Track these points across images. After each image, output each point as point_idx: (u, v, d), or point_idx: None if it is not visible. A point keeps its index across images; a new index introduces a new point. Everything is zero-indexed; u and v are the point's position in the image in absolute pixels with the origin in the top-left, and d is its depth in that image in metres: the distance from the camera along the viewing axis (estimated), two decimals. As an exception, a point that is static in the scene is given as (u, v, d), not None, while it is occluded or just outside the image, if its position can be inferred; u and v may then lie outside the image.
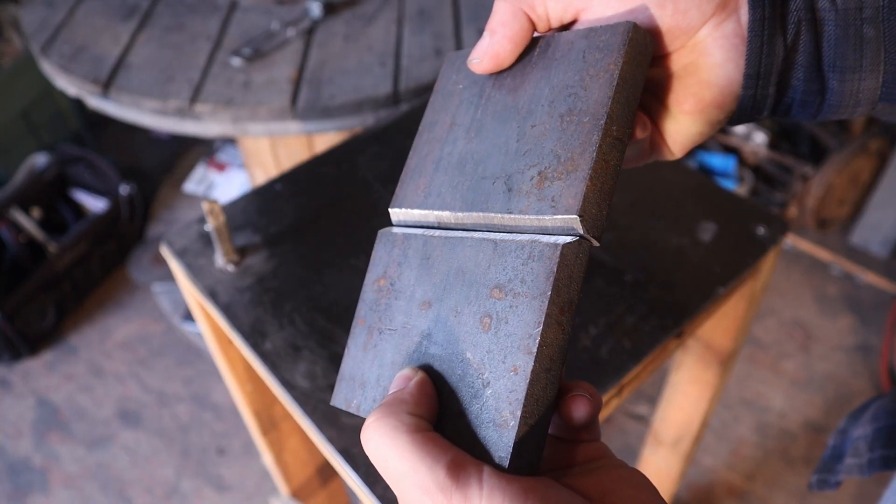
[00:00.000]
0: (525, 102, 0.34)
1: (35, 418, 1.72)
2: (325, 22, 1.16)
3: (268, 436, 0.93)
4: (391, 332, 0.34)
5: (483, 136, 0.35)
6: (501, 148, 0.34)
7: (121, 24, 1.17)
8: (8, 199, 1.85)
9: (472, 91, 0.37)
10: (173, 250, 0.71)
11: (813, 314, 1.86)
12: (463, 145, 0.36)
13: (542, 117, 0.33)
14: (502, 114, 0.35)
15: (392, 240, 0.37)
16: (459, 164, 0.35)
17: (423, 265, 0.34)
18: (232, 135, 1.04)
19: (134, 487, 1.58)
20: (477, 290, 0.31)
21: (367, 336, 0.36)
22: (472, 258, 0.32)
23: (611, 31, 0.32)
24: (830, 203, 2.02)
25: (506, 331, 0.29)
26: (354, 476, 0.54)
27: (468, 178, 0.35)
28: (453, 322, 0.32)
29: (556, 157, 0.32)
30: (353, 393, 0.35)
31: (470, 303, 0.31)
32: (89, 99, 1.09)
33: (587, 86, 0.32)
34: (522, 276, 0.30)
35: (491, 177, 0.34)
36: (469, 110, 0.37)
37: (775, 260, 0.76)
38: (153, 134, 2.44)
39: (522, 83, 0.35)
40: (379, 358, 0.35)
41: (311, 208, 0.75)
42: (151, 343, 1.86)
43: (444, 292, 0.33)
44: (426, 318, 0.33)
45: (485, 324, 0.30)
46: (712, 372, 0.94)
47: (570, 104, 0.32)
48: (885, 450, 0.51)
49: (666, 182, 0.78)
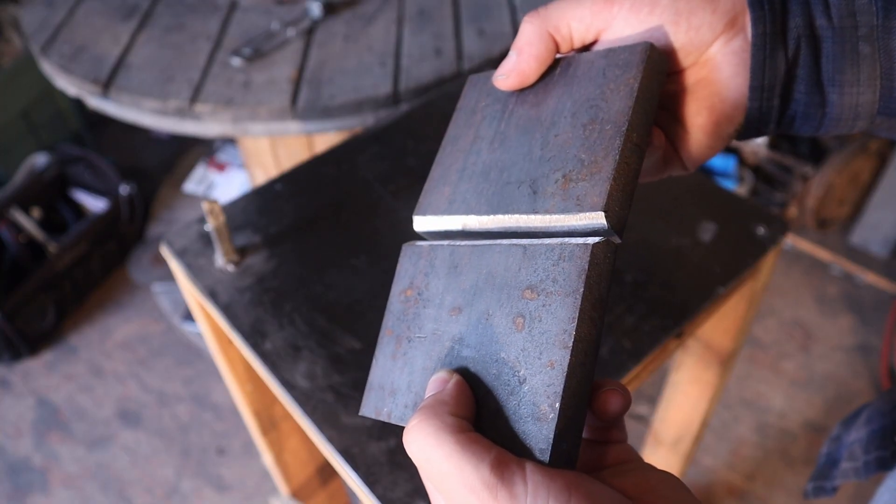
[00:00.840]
0: (548, 115, 0.36)
1: (35, 418, 1.72)
2: (325, 22, 1.16)
3: (268, 436, 0.93)
4: (421, 339, 0.35)
5: (507, 147, 0.37)
6: (526, 156, 0.35)
7: (121, 24, 1.17)
8: (8, 199, 1.85)
9: (495, 107, 0.39)
10: (173, 250, 0.71)
11: (813, 314, 1.86)
12: (487, 155, 0.37)
13: (565, 127, 0.35)
14: (526, 126, 0.37)
15: (418, 252, 0.38)
16: (484, 172, 0.37)
17: (451, 273, 0.35)
18: (232, 135, 1.04)
19: (134, 487, 1.58)
20: (508, 292, 0.32)
21: (396, 345, 0.36)
22: (502, 263, 0.33)
23: (629, 50, 0.34)
24: (830, 203, 2.02)
25: (540, 328, 0.30)
26: (354, 476, 0.54)
27: (493, 185, 0.36)
28: (485, 324, 0.32)
29: (579, 161, 0.33)
30: (384, 401, 0.36)
31: (502, 305, 0.32)
32: (89, 99, 1.09)
33: (608, 98, 0.34)
34: (554, 276, 0.31)
35: (516, 182, 0.35)
36: (492, 124, 0.38)
37: (775, 260, 0.76)
38: (153, 134, 2.44)
39: (545, 98, 0.37)
40: (409, 365, 0.35)
41: (311, 208, 0.75)
42: (151, 343, 1.86)
43: (474, 297, 0.34)
44: (457, 324, 0.34)
45: (518, 323, 0.31)
46: (712, 372, 0.94)
47: (592, 115, 0.34)
48: (879, 451, 0.52)
49: (666, 182, 0.78)
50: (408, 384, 0.35)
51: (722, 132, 0.35)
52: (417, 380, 0.34)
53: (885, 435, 0.52)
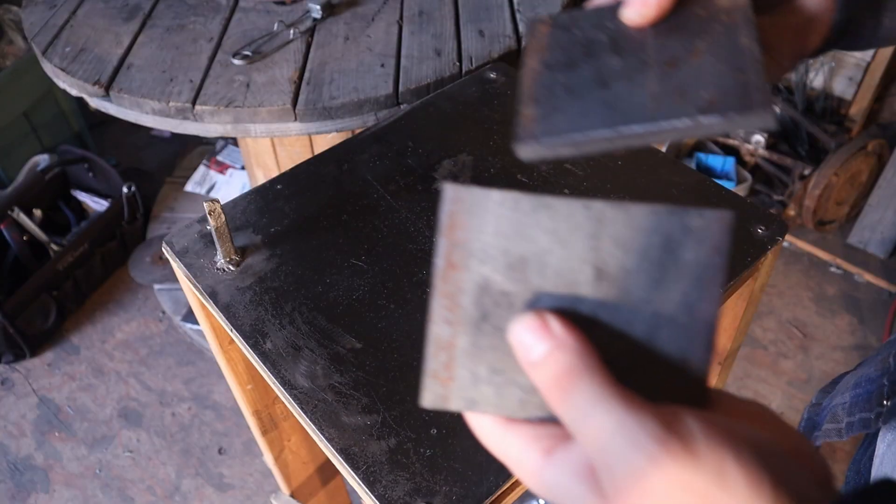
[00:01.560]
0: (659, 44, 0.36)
1: (37, 418, 1.72)
2: (325, 22, 1.16)
3: (268, 435, 0.93)
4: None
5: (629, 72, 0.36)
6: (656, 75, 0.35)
7: (122, 25, 1.18)
8: (10, 199, 1.86)
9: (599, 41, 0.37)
10: (174, 250, 0.71)
11: (811, 314, 1.87)
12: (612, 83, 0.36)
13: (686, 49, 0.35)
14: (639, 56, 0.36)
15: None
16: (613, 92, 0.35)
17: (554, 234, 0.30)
18: (233, 135, 1.05)
19: (135, 486, 1.58)
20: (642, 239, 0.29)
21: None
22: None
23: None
24: (829, 203, 2.02)
25: (681, 270, 0.28)
26: (354, 476, 0.54)
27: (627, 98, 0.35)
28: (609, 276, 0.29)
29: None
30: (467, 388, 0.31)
31: (628, 251, 0.29)
32: (91, 100, 1.10)
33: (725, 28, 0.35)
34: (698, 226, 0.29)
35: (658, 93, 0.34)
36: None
37: (774, 260, 0.76)
38: (154, 134, 2.45)
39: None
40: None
41: (312, 208, 0.75)
42: (152, 343, 1.87)
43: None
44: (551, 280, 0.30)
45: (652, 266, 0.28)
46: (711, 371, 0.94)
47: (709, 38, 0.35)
48: (864, 413, 0.54)
49: (665, 182, 0.78)
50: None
51: (804, 48, 0.41)
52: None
53: (870, 399, 0.55)
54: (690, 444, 0.24)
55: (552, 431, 0.29)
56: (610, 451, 0.25)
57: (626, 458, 0.25)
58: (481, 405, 0.30)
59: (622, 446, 0.25)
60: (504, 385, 0.30)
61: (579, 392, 0.26)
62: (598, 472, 0.26)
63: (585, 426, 0.26)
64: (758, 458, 0.24)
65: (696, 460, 0.24)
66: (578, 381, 0.26)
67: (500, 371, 0.30)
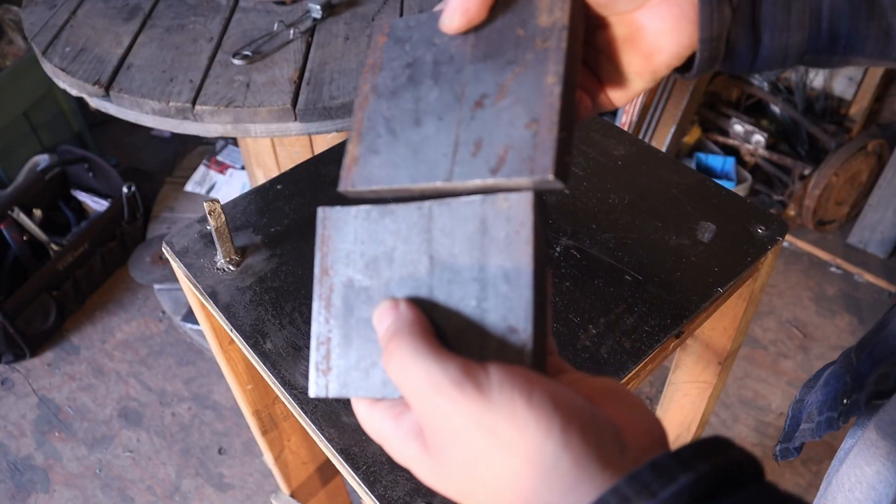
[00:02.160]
0: (470, 69, 0.36)
1: (37, 418, 1.72)
2: (325, 22, 1.16)
3: (268, 435, 0.93)
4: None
5: (430, 101, 0.37)
6: (453, 111, 0.36)
7: (122, 25, 1.18)
8: (10, 199, 1.86)
9: (418, 53, 0.38)
10: (174, 250, 0.71)
11: (811, 314, 1.87)
12: (411, 107, 0.37)
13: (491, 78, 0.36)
14: (450, 78, 0.37)
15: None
16: (411, 128, 0.37)
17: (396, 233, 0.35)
18: (233, 135, 1.05)
19: (135, 486, 1.58)
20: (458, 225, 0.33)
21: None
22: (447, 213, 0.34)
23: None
24: (829, 203, 2.02)
25: (495, 245, 0.32)
26: (354, 475, 0.54)
27: (418, 147, 0.36)
28: (435, 262, 0.34)
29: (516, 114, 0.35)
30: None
31: (450, 235, 0.33)
32: (91, 100, 1.10)
33: (535, 48, 0.35)
34: (507, 215, 0.32)
35: (444, 144, 0.36)
36: (410, 72, 0.38)
37: (774, 260, 0.76)
38: (154, 134, 2.45)
39: (466, 46, 0.36)
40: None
41: (312, 208, 0.75)
42: (152, 343, 1.87)
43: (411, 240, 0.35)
44: (397, 269, 0.35)
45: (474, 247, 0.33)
46: (711, 371, 0.94)
47: (515, 64, 0.35)
48: (829, 412, 0.54)
49: (665, 182, 0.78)
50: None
51: (656, 76, 0.37)
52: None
53: (836, 397, 0.54)
54: (485, 387, 0.27)
55: (403, 400, 0.32)
56: (422, 399, 0.28)
57: (432, 402, 0.28)
58: (352, 388, 0.34)
59: (428, 392, 0.28)
60: (368, 369, 0.34)
61: (400, 350, 0.29)
62: (422, 427, 0.29)
63: (405, 381, 0.29)
64: (553, 405, 0.26)
65: (488, 402, 0.26)
66: (400, 340, 0.30)
67: (364, 357, 0.34)
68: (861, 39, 0.34)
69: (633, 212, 0.75)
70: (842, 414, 0.52)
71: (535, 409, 0.26)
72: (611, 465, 0.25)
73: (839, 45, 0.34)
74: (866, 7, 0.33)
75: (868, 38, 0.34)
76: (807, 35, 0.34)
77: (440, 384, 0.27)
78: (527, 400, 0.26)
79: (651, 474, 0.24)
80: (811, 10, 0.33)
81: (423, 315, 0.32)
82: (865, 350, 0.54)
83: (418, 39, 0.38)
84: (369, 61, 0.39)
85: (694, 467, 0.24)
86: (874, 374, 0.50)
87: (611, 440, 0.26)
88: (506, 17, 0.36)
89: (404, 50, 0.38)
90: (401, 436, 0.31)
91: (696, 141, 2.17)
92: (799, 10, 0.33)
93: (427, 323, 0.32)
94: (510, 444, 0.26)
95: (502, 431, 0.26)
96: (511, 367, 0.28)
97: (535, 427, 0.26)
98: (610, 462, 0.26)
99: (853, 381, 0.53)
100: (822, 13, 0.33)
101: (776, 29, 0.34)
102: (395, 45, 0.38)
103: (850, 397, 0.52)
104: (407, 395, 0.29)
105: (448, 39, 0.37)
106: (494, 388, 0.27)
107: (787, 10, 0.34)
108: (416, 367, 0.28)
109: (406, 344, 0.29)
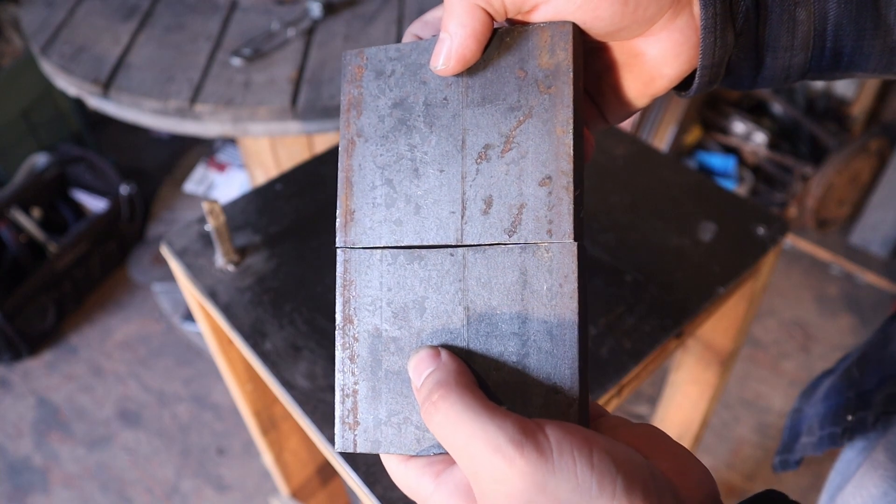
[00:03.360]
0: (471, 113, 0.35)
1: (35, 418, 1.72)
2: (325, 22, 1.16)
3: (268, 436, 0.93)
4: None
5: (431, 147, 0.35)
6: (456, 162, 0.35)
7: (121, 24, 1.17)
8: (8, 199, 1.85)
9: (404, 91, 0.36)
10: (173, 250, 0.71)
11: (813, 314, 1.86)
12: (406, 156, 0.35)
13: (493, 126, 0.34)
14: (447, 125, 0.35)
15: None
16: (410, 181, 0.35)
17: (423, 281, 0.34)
18: (232, 135, 1.05)
19: (134, 487, 1.58)
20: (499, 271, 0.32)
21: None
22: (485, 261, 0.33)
23: (554, 30, 0.33)
24: (830, 203, 2.02)
25: (541, 309, 0.31)
26: (354, 476, 0.54)
27: (420, 208, 0.35)
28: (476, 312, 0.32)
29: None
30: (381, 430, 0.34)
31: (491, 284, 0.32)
32: (89, 99, 1.09)
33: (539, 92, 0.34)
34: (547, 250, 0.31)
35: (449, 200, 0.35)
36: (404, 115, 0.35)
37: (775, 260, 0.76)
38: (153, 134, 2.44)
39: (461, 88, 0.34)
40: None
41: (311, 208, 0.75)
42: (151, 343, 1.87)
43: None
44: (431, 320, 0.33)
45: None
46: (712, 372, 0.94)
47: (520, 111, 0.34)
48: (832, 427, 0.53)
49: (666, 182, 0.78)
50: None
51: (655, 97, 0.36)
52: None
53: (838, 412, 0.53)
54: (545, 448, 0.26)
55: (444, 457, 0.31)
56: (475, 457, 0.26)
57: (488, 461, 0.26)
58: (384, 445, 0.33)
59: (484, 451, 0.26)
60: (401, 424, 0.33)
61: (448, 404, 0.28)
62: (472, 486, 0.28)
63: (454, 438, 0.27)
64: (615, 466, 0.25)
65: (549, 463, 0.25)
66: (447, 393, 0.28)
67: (396, 412, 0.33)
68: (865, 57, 0.33)
69: (633, 212, 0.74)
70: (846, 430, 0.51)
71: (597, 471, 0.25)
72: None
73: (842, 62, 0.34)
74: (871, 26, 0.32)
75: (872, 56, 0.33)
76: (810, 55, 0.33)
77: (498, 444, 0.26)
78: (588, 461, 0.26)
79: None
80: (815, 30, 0.33)
81: (467, 366, 0.31)
82: (869, 365, 0.53)
83: (402, 74, 0.35)
84: (348, 98, 0.36)
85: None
86: (881, 392, 0.49)
87: (671, 499, 0.26)
88: (502, 56, 0.33)
89: (388, 85, 0.35)
90: (444, 496, 0.30)
91: (698, 140, 2.17)
92: (804, 32, 0.33)
93: (472, 375, 0.30)
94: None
95: (563, 494, 0.25)
96: (567, 426, 0.27)
97: (598, 490, 0.25)
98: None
99: (857, 397, 0.52)
100: (826, 33, 0.33)
101: (779, 50, 0.33)
102: (377, 80, 0.35)
103: (854, 414, 0.51)
104: (456, 452, 0.28)
105: (439, 78, 0.34)
106: (554, 448, 0.26)
107: (791, 32, 0.33)
108: (469, 423, 0.27)
109: (455, 397, 0.28)
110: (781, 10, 0.32)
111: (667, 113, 2.00)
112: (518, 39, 0.33)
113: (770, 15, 0.32)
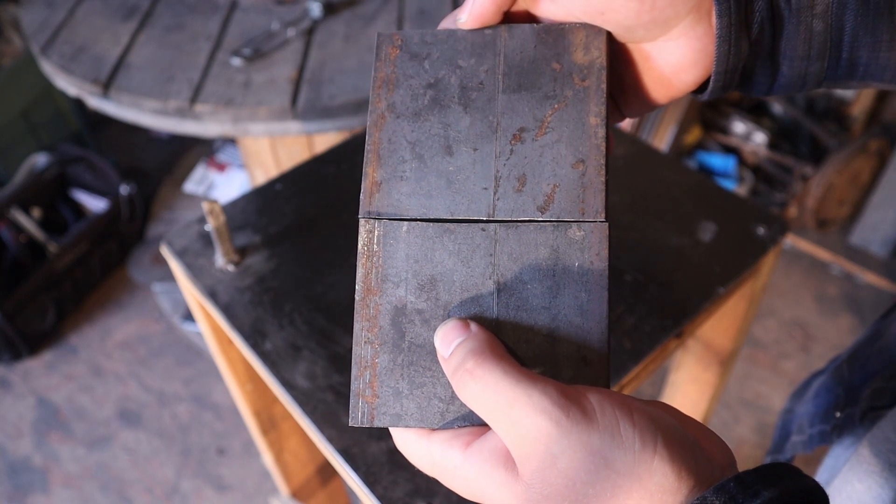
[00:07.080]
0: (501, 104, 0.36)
1: (35, 418, 1.72)
2: (325, 22, 1.16)
3: (268, 436, 0.93)
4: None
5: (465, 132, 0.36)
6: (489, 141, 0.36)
7: (121, 25, 1.17)
8: (8, 199, 1.85)
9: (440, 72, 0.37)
10: (173, 250, 0.71)
11: (813, 314, 1.86)
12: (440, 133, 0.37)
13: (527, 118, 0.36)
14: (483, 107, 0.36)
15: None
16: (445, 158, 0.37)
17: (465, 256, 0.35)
18: (232, 135, 1.05)
19: (134, 487, 1.58)
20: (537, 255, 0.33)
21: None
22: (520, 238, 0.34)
23: (587, 31, 0.35)
24: (830, 203, 2.02)
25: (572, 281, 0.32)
26: (354, 476, 0.54)
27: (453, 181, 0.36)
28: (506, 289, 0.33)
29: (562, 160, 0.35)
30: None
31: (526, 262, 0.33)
32: (89, 99, 1.09)
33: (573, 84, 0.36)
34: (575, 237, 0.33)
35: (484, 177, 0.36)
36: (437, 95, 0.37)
37: (775, 260, 0.76)
38: (153, 134, 2.44)
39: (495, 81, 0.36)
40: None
41: (311, 208, 0.75)
42: (151, 343, 1.87)
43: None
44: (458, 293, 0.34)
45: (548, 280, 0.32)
46: (712, 372, 0.94)
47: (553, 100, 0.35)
48: (822, 425, 0.54)
49: (666, 182, 0.78)
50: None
51: (673, 98, 0.37)
52: None
53: (828, 409, 0.54)
54: (587, 409, 0.27)
55: (471, 429, 0.31)
56: (518, 422, 0.27)
57: (534, 423, 0.27)
58: (405, 419, 0.32)
59: (530, 414, 0.27)
60: (425, 398, 0.32)
61: (484, 370, 0.29)
62: (511, 452, 0.28)
63: (494, 404, 0.28)
64: (654, 424, 0.27)
65: (594, 423, 0.27)
66: (483, 361, 0.29)
67: (420, 385, 0.32)
68: (881, 68, 0.34)
69: (633, 212, 0.74)
70: (835, 428, 0.52)
71: (639, 428, 0.27)
72: (705, 480, 0.27)
73: (857, 72, 0.34)
74: (888, 38, 0.33)
75: (888, 67, 0.33)
76: (826, 65, 0.34)
77: (543, 406, 0.27)
78: (629, 420, 0.27)
79: (736, 487, 0.25)
80: (831, 40, 0.33)
81: (496, 337, 0.31)
82: (858, 362, 0.53)
83: (438, 58, 0.36)
84: (380, 75, 0.36)
85: (777, 484, 0.25)
86: (868, 387, 0.49)
87: (702, 456, 0.27)
88: (538, 49, 0.35)
89: (423, 67, 0.36)
90: (476, 465, 0.30)
91: (698, 140, 2.17)
92: (820, 42, 0.33)
93: (503, 345, 0.31)
94: (616, 465, 0.26)
95: (608, 453, 0.26)
96: (604, 391, 0.28)
97: (641, 446, 0.26)
98: (704, 477, 0.27)
99: (846, 393, 0.52)
100: (842, 43, 0.33)
101: (796, 59, 0.34)
102: (412, 61, 0.36)
103: (843, 410, 0.51)
104: (495, 418, 0.28)
105: (475, 63, 0.35)
106: (597, 409, 0.27)
107: (808, 43, 0.33)
108: (511, 388, 0.28)
109: (492, 363, 0.29)
110: (798, 21, 0.33)
111: (667, 113, 2.00)
112: (554, 36, 0.35)
113: (786, 25, 0.33)
